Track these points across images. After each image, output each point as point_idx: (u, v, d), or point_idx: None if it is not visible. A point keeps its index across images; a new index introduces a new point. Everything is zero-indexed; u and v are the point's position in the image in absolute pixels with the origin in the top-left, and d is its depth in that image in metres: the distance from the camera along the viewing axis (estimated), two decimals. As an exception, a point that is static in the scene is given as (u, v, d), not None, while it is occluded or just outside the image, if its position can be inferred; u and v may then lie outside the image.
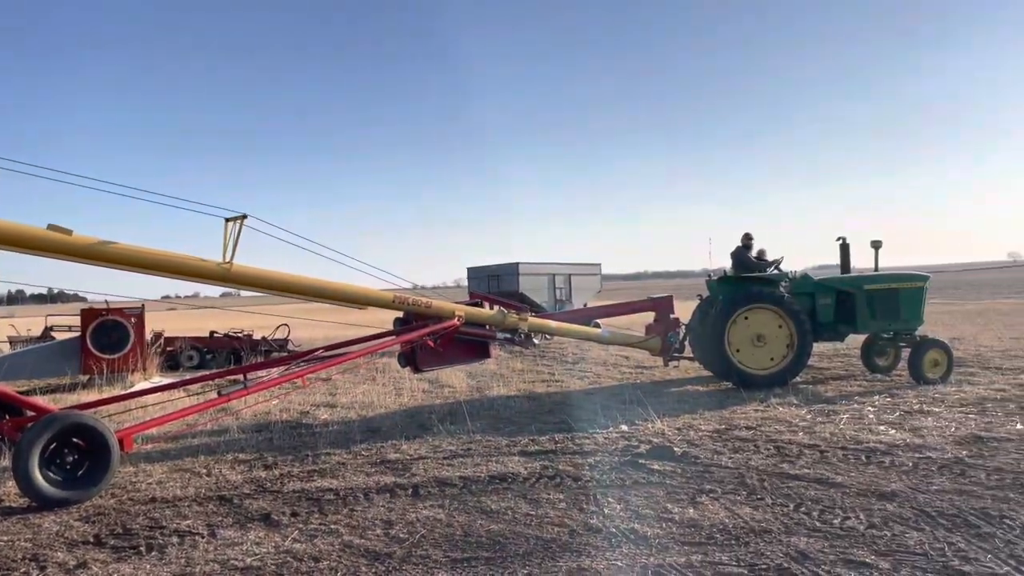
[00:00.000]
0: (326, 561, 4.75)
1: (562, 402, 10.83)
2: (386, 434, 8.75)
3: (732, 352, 11.46)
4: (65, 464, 6.38)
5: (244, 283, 8.11)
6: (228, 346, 18.75)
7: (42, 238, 6.86)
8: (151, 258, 7.46)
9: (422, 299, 9.59)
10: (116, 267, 7.35)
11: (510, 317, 10.11)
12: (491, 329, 9.99)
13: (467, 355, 10.13)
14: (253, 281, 8.14)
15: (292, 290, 8.53)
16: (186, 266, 7.64)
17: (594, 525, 5.25)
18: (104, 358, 14.45)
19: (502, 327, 10.06)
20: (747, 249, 12.91)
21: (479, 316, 9.89)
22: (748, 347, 11.49)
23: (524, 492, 6.14)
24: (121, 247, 7.26)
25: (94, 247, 7.12)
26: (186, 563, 4.81)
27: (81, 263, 7.16)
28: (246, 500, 6.19)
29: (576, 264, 25.08)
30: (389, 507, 5.86)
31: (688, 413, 9.48)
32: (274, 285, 8.34)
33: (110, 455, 6.46)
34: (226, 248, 7.69)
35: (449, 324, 9.34)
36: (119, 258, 7.27)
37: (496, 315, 10.05)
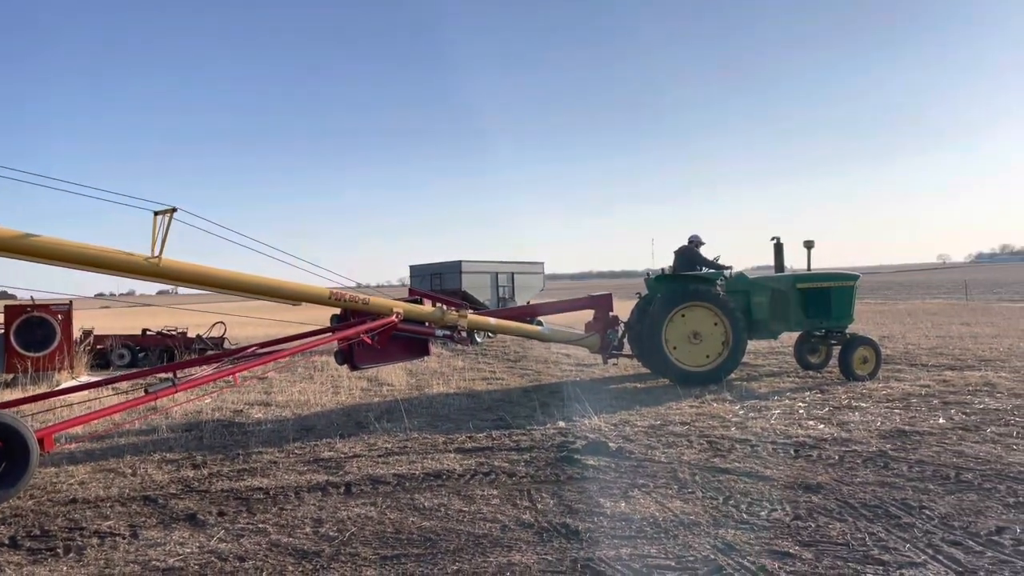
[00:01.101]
0: (251, 560, 4.65)
1: (501, 399, 10.83)
2: (321, 432, 8.62)
3: (669, 349, 11.61)
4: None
5: (174, 278, 7.88)
6: (161, 344, 18.27)
7: None
8: (76, 252, 7.18)
9: (360, 295, 9.46)
10: (40, 261, 7.06)
11: (449, 314, 10.05)
12: (430, 326, 9.93)
13: (406, 352, 10.04)
14: (184, 276, 7.90)
15: (224, 286, 8.31)
16: (112, 260, 7.37)
17: (526, 520, 5.25)
18: (29, 356, 13.94)
19: (441, 324, 10.00)
20: (695, 248, 13.10)
21: (418, 313, 9.81)
22: (685, 344, 11.66)
23: (458, 489, 6.11)
24: (45, 240, 6.98)
25: (16, 240, 6.82)
26: (105, 564, 4.65)
27: (3, 256, 6.87)
28: (172, 500, 6.03)
29: (519, 263, 25.11)
30: (320, 505, 5.77)
31: (625, 410, 9.57)
32: (206, 281, 8.12)
33: (29, 455, 6.21)
34: (155, 242, 7.47)
35: (387, 321, 9.24)
36: (43, 251, 6.98)
37: (435, 312, 9.98)
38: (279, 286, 8.63)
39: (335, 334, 9.29)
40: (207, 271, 8.05)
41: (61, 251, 7.07)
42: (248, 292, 8.49)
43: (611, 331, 12.10)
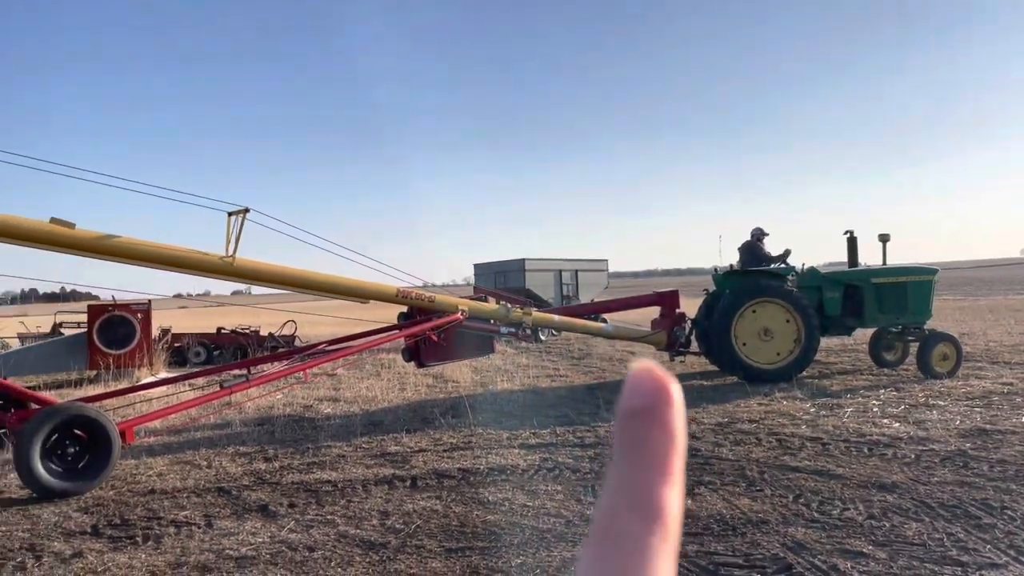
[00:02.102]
0: (320, 551, 4.75)
1: (565, 396, 10.80)
2: (388, 427, 8.74)
3: (738, 346, 11.40)
4: (67, 456, 6.40)
5: (247, 277, 8.12)
6: (235, 342, 18.80)
7: (45, 232, 6.89)
8: (153, 252, 7.48)
9: (426, 293, 9.59)
10: (119, 261, 7.37)
11: (514, 312, 10.07)
12: (495, 324, 9.97)
13: (471, 350, 10.13)
14: (256, 275, 8.14)
15: (296, 284, 8.53)
16: (188, 259, 7.65)
17: (590, 516, 5.23)
18: (111, 354, 14.50)
19: (506, 322, 10.03)
20: (758, 243, 12.83)
21: (483, 311, 9.87)
22: (754, 341, 11.43)
23: (522, 484, 6.12)
24: (123, 241, 7.28)
25: (97, 241, 7.14)
26: (181, 552, 4.82)
27: (84, 256, 7.18)
28: (244, 492, 6.20)
29: (583, 260, 25.02)
30: (387, 498, 5.85)
31: (691, 407, 9.43)
32: (277, 279, 8.35)
33: (111, 447, 6.48)
34: (229, 242, 7.71)
35: (452, 318, 9.33)
36: (121, 252, 7.29)
37: (499, 310, 10.02)
38: (348, 284, 8.81)
39: (402, 331, 9.43)
40: (279, 270, 8.26)
41: (139, 251, 7.37)
42: (319, 291, 8.69)
43: (678, 328, 11.93)
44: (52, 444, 6.31)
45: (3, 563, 4.74)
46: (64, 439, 6.40)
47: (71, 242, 7.02)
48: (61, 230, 6.94)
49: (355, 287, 8.87)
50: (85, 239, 7.09)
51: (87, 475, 6.41)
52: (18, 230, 6.82)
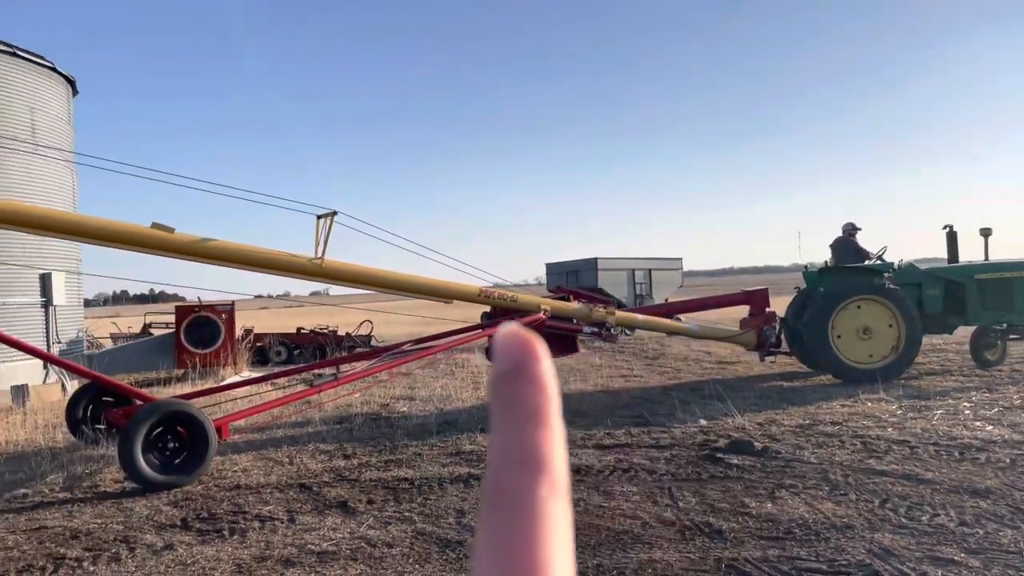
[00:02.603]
0: (399, 547, 4.82)
1: (640, 397, 10.70)
2: (462, 426, 8.81)
3: (836, 345, 11.06)
4: (166, 450, 6.70)
5: (335, 278, 8.35)
6: (314, 342, 19.26)
7: (147, 236, 7.26)
8: (247, 254, 7.78)
9: (508, 293, 9.67)
10: (214, 263, 7.69)
11: (596, 311, 9.98)
12: (577, 323, 9.93)
13: (554, 350, 10.11)
14: (344, 276, 8.37)
15: (381, 284, 8.75)
16: (280, 261, 7.93)
17: (667, 518, 5.16)
18: (197, 353, 15.05)
19: (588, 321, 9.96)
20: (852, 238, 12.44)
21: (565, 310, 9.85)
22: (853, 340, 11.07)
23: (597, 484, 6.09)
24: (219, 244, 7.60)
25: (194, 244, 7.48)
26: (265, 546, 4.96)
27: (182, 259, 7.53)
28: (325, 488, 6.34)
29: (656, 259, 24.74)
30: (462, 496, 5.90)
31: (771, 408, 9.22)
32: (364, 280, 8.58)
33: (208, 442, 6.75)
34: (318, 244, 7.94)
35: (535, 318, 9.33)
36: (217, 254, 7.61)
37: (582, 309, 9.96)
38: (432, 284, 8.99)
39: (484, 331, 9.52)
40: (365, 270, 8.48)
41: (233, 254, 7.67)
42: (403, 291, 8.90)
43: (768, 327, 11.61)
44: (153, 439, 6.61)
45: (99, 554, 4.97)
46: (164, 434, 6.69)
47: (170, 245, 7.38)
48: (162, 234, 7.31)
49: (438, 287, 9.05)
50: (183, 242, 7.43)
51: (186, 469, 6.70)
52: (123, 235, 7.20)
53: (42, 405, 12.17)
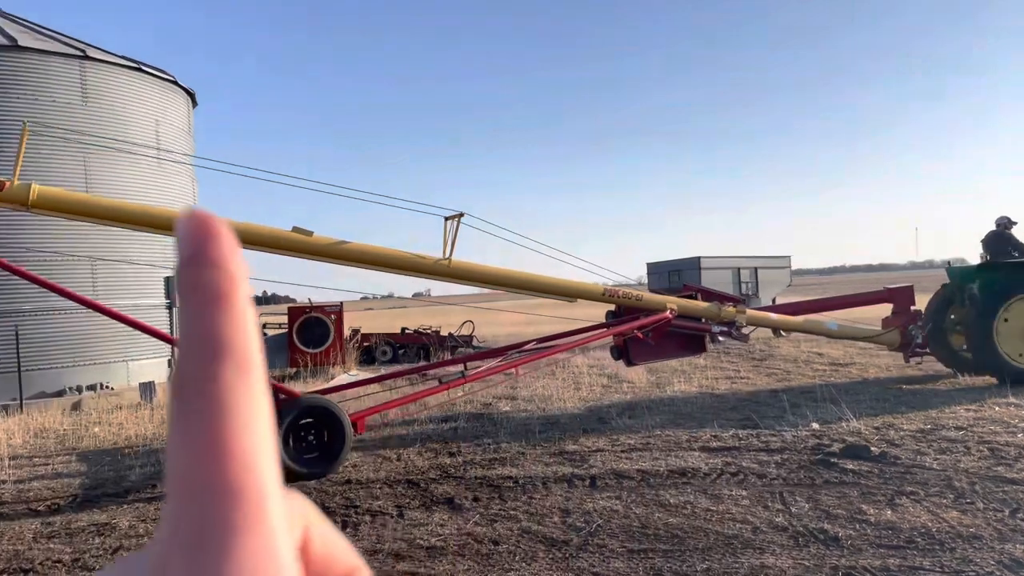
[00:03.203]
0: (505, 544, 4.86)
1: (747, 399, 10.42)
2: (564, 426, 8.81)
3: (1002, 346, 10.48)
4: (306, 443, 7.03)
5: (462, 278, 8.58)
6: (418, 341, 19.67)
7: (288, 239, 7.66)
8: (380, 255, 8.12)
9: (632, 292, 9.66)
10: (349, 264, 8.10)
11: (726, 309, 9.76)
12: (706, 322, 9.78)
13: (681, 349, 9.98)
14: (470, 275, 8.59)
15: (506, 284, 8.93)
16: (411, 262, 8.23)
17: (779, 523, 5.01)
18: (308, 352, 15.62)
19: (717, 320, 9.75)
20: (1007, 232, 11.76)
21: (693, 309, 9.69)
22: (1017, 340, 10.48)
23: (704, 487, 5.97)
24: (355, 246, 8.00)
25: (332, 247, 7.86)
26: (377, 540, 5.10)
27: (320, 261, 7.94)
28: (432, 484, 6.47)
29: (763, 257, 24.06)
30: (567, 496, 5.90)
31: (888, 412, 8.82)
32: (490, 279, 8.77)
33: (345, 436, 7.06)
34: (446, 245, 8.18)
35: (661, 317, 9.24)
36: (353, 256, 7.98)
37: (711, 307, 9.76)
38: (556, 283, 9.13)
39: (609, 330, 9.51)
40: (491, 270, 8.68)
41: (367, 255, 8.02)
42: (528, 290, 9.05)
43: (913, 327, 11.06)
44: (295, 432, 6.94)
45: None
46: (305, 428, 7.01)
47: (309, 248, 7.76)
48: (301, 237, 7.69)
49: (563, 286, 9.16)
50: (322, 245, 7.82)
51: (326, 461, 7.01)
52: (266, 238, 7.64)
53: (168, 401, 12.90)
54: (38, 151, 12.70)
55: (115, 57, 14.88)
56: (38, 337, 12.97)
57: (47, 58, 13.53)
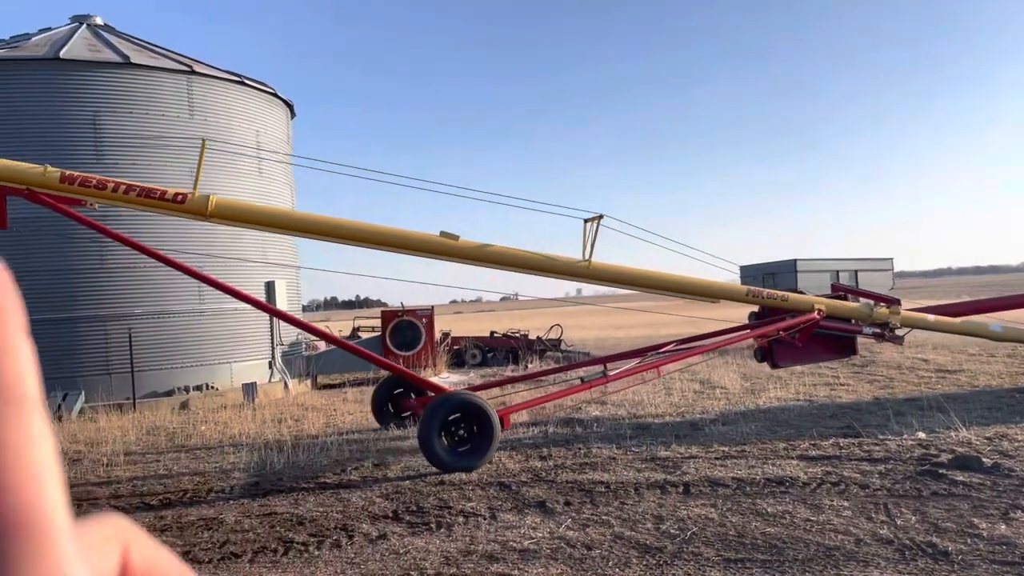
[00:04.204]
0: (598, 550, 4.85)
1: (848, 406, 10.05)
2: (656, 432, 8.71)
3: None
4: (457, 437, 7.35)
5: (602, 279, 8.77)
6: (507, 345, 19.79)
7: (437, 243, 8.07)
8: (523, 258, 8.39)
9: (777, 292, 9.59)
10: (493, 267, 8.40)
11: (879, 310, 9.46)
12: (856, 324, 9.52)
13: (829, 351, 9.77)
14: (610, 276, 8.75)
15: (646, 285, 9.06)
16: (552, 264, 8.46)
17: (883, 536, 4.83)
18: (401, 355, 15.94)
19: (869, 321, 9.46)
20: None
21: (842, 310, 9.47)
22: None
23: (803, 497, 5.80)
24: (499, 249, 8.28)
25: (477, 250, 8.19)
26: (470, 541, 5.16)
27: (465, 264, 8.32)
28: (523, 487, 6.51)
29: (862, 259, 23.19)
30: (659, 503, 5.84)
31: (1001, 422, 8.36)
32: (630, 280, 8.92)
33: (494, 431, 7.33)
34: (585, 246, 8.35)
35: (807, 318, 9.08)
36: (497, 259, 8.28)
37: (862, 308, 9.50)
38: (697, 284, 9.20)
39: (753, 331, 9.43)
40: (631, 271, 8.82)
41: (510, 258, 8.29)
42: (668, 290, 9.14)
43: None
44: (447, 426, 7.28)
45: (323, 540, 5.39)
46: (457, 423, 7.34)
47: (456, 251, 8.12)
48: (449, 241, 8.05)
49: (704, 286, 9.20)
50: (468, 248, 8.15)
51: (477, 454, 7.30)
52: (418, 243, 8.08)
53: (268, 401, 13.40)
54: (149, 163, 13.43)
55: (219, 72, 15.58)
56: (149, 339, 13.68)
57: (157, 74, 14.28)
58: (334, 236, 8.12)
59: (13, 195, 7.57)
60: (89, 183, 7.53)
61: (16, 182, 7.46)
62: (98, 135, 13.55)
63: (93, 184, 7.54)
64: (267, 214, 8.07)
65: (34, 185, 7.48)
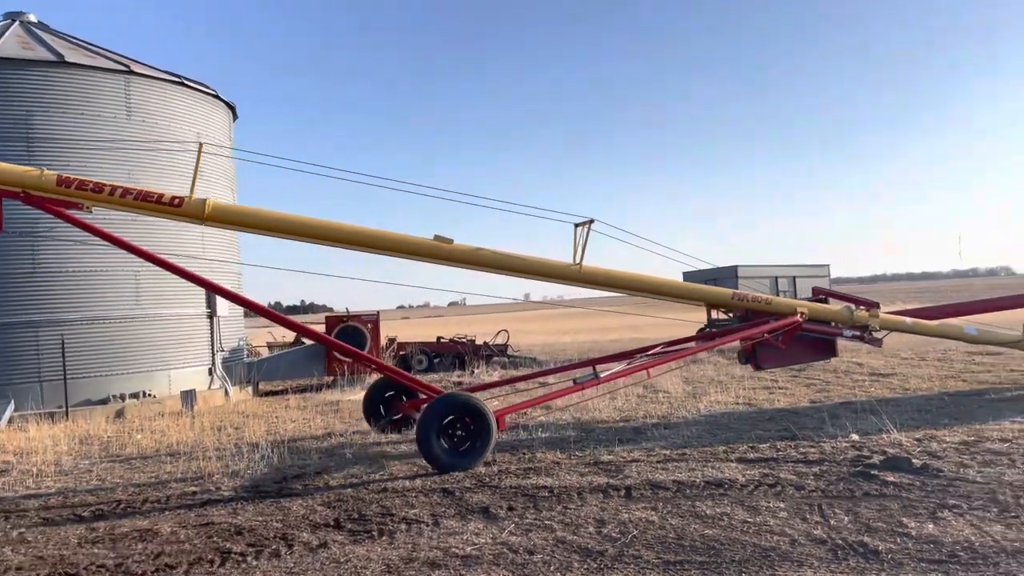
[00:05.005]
0: (540, 554, 4.87)
1: (785, 410, 10.29)
2: (600, 437, 8.79)
3: None
4: (454, 437, 7.44)
5: (593, 282, 8.85)
6: (453, 350, 19.76)
7: (431, 247, 8.11)
8: (515, 261, 8.45)
9: (761, 296, 9.85)
10: (485, 270, 8.40)
11: (858, 313, 9.71)
12: (837, 326, 9.75)
13: (811, 353, 10.05)
14: (601, 280, 8.86)
15: (637, 288, 9.22)
16: (544, 267, 8.57)
17: (817, 536, 4.95)
18: (345, 361, 15.76)
19: (849, 324, 9.71)
20: None
21: (823, 313, 9.72)
22: None
23: (741, 499, 5.92)
24: (491, 252, 8.31)
25: (470, 253, 8.23)
26: (412, 548, 5.13)
27: (458, 267, 8.33)
28: (467, 493, 6.50)
29: (801, 266, 23.77)
30: (602, 506, 5.89)
31: (931, 424, 8.65)
32: (620, 284, 9.05)
33: (491, 431, 7.47)
34: (576, 250, 8.46)
35: (790, 321, 9.29)
36: (489, 262, 8.32)
37: (842, 311, 9.75)
38: (686, 288, 9.52)
39: (738, 333, 9.65)
40: (620, 274, 8.96)
41: (503, 261, 8.35)
42: (656, 294, 9.31)
43: None
44: (444, 427, 7.37)
45: (261, 549, 5.29)
46: (453, 424, 7.43)
47: (449, 255, 8.17)
48: (443, 245, 8.10)
49: (691, 290, 9.56)
50: (462, 252, 8.19)
51: (473, 453, 7.42)
52: (411, 246, 8.10)
53: (207, 409, 13.13)
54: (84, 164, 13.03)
55: (158, 72, 15.23)
56: (84, 346, 13.28)
57: (93, 73, 13.89)
58: (333, 240, 8.13)
59: (9, 198, 7.45)
60: (86, 186, 7.52)
61: (12, 185, 7.36)
62: (30, 135, 13.12)
63: (90, 187, 7.52)
64: (265, 218, 7.97)
65: (30, 188, 7.39)
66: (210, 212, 7.69)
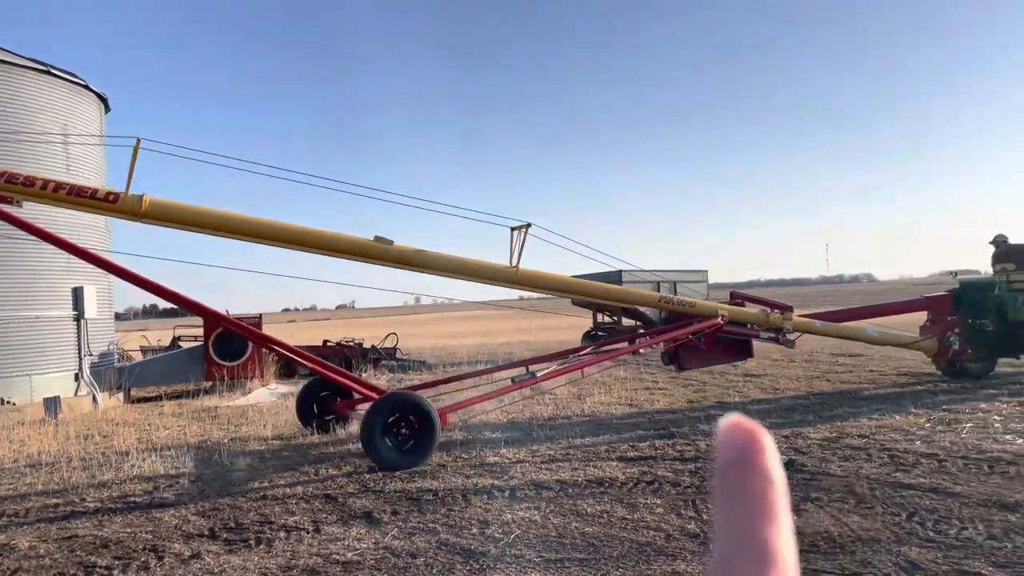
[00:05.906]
0: (423, 557, 4.85)
1: (664, 410, 10.66)
2: (486, 439, 8.84)
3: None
4: (399, 436, 7.42)
5: (528, 284, 9.01)
6: (340, 354, 19.37)
7: (371, 247, 8.01)
8: (454, 263, 8.47)
9: (687, 299, 10.16)
10: (425, 271, 8.35)
11: (773, 316, 10.21)
12: (753, 328, 10.12)
13: (730, 354, 10.42)
14: (536, 282, 9.04)
15: (569, 290, 9.54)
16: (482, 269, 8.58)
17: (691, 530, 5.15)
18: (225, 365, 15.21)
19: (765, 326, 10.17)
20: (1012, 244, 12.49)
21: (742, 315, 10.11)
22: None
23: (621, 496, 6.09)
24: (432, 254, 8.28)
25: (413, 255, 8.17)
26: (291, 556, 5.01)
27: (398, 268, 8.24)
28: (350, 498, 6.40)
29: (682, 271, 24.65)
30: (486, 508, 5.93)
31: (797, 422, 9.15)
32: (553, 286, 9.30)
33: (434, 429, 7.45)
34: (512, 253, 8.51)
35: (712, 323, 9.61)
36: (430, 264, 8.28)
37: (759, 314, 10.21)
38: (616, 291, 9.97)
39: (663, 335, 9.93)
40: (555, 278, 9.22)
41: (444, 263, 8.35)
42: (590, 296, 9.64)
43: (951, 335, 11.65)
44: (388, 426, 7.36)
45: (129, 562, 5.05)
46: (398, 421, 7.41)
47: (391, 256, 8.08)
48: (383, 246, 8.01)
49: (622, 293, 10.17)
50: (404, 253, 8.13)
51: (417, 452, 7.42)
52: (352, 246, 7.96)
53: (73, 416, 12.38)
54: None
55: (20, 59, 14.26)
56: (-68, 350, 12.28)
57: (-54, 57, 12.88)
58: (276, 240, 7.90)
59: None
60: (16, 180, 7.16)
61: None
62: None
63: (20, 181, 7.16)
64: (208, 216, 7.59)
65: None
66: (147, 209, 7.33)
